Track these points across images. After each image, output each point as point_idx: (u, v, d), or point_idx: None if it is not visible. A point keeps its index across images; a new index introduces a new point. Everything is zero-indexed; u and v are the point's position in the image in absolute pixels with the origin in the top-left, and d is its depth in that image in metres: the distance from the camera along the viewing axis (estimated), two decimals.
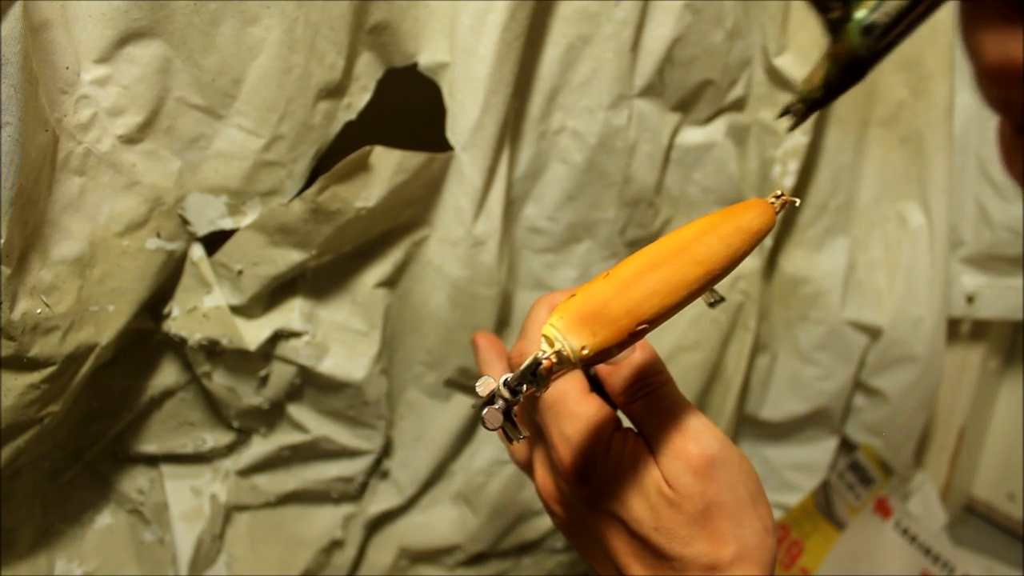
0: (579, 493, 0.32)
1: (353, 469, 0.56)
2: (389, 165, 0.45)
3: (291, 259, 0.46)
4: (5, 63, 0.32)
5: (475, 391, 0.26)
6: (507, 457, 0.58)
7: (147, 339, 0.49)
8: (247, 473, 0.55)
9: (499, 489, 0.60)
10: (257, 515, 0.56)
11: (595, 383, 0.35)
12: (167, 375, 0.51)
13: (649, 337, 0.27)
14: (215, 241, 0.46)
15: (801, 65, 0.56)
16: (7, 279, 0.36)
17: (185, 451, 0.53)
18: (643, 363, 0.33)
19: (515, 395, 0.25)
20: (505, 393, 0.25)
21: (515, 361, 0.35)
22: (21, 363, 0.38)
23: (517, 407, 0.26)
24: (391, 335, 0.54)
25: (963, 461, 0.81)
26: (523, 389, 0.25)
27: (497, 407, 0.25)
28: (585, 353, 0.24)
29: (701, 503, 0.30)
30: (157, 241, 0.43)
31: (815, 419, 0.72)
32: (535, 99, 0.51)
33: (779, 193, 0.28)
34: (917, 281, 0.66)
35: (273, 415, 0.54)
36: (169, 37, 0.39)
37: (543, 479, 0.35)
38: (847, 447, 0.76)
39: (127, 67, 0.39)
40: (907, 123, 0.64)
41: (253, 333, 0.48)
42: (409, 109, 0.48)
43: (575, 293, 0.25)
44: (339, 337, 0.51)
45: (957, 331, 0.75)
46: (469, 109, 0.47)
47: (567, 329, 0.24)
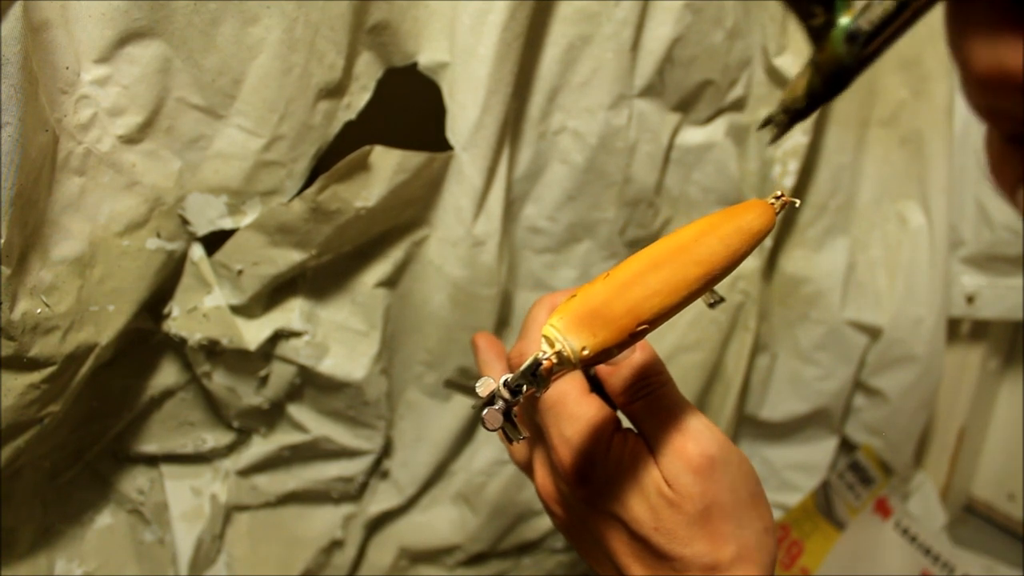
0: (579, 494, 0.32)
1: (353, 469, 0.56)
2: (389, 165, 0.45)
3: (291, 259, 0.46)
4: (5, 63, 0.32)
5: (475, 391, 0.26)
6: (507, 457, 0.58)
7: (147, 339, 0.49)
8: (247, 473, 0.55)
9: (499, 489, 0.60)
10: (257, 515, 0.56)
11: (595, 383, 0.35)
12: (167, 375, 0.51)
13: (649, 337, 0.27)
14: (215, 241, 0.46)
15: (801, 65, 0.56)
16: (7, 279, 0.35)
17: (185, 451, 0.53)
18: (643, 363, 0.32)
19: (515, 396, 0.25)
20: (505, 394, 0.25)
21: (515, 361, 0.35)
22: (21, 363, 0.38)
23: (517, 408, 0.26)
24: (391, 335, 0.54)
25: (963, 461, 0.81)
26: (523, 390, 0.25)
27: (497, 408, 0.25)
28: (585, 353, 0.24)
29: (701, 503, 0.30)
30: (157, 241, 0.43)
31: (815, 419, 0.72)
32: (535, 99, 0.51)
33: (779, 194, 0.28)
34: (917, 281, 0.66)
35: (273, 415, 0.54)
36: (169, 37, 0.39)
37: (543, 479, 0.35)
38: (847, 447, 0.76)
39: (127, 67, 0.39)
40: (907, 123, 0.64)
41: (253, 333, 0.48)
42: (409, 109, 0.48)
43: (575, 293, 0.25)
44: (339, 337, 0.51)
45: (957, 331, 0.75)
46: (469, 109, 0.46)
47: (567, 329, 0.24)
